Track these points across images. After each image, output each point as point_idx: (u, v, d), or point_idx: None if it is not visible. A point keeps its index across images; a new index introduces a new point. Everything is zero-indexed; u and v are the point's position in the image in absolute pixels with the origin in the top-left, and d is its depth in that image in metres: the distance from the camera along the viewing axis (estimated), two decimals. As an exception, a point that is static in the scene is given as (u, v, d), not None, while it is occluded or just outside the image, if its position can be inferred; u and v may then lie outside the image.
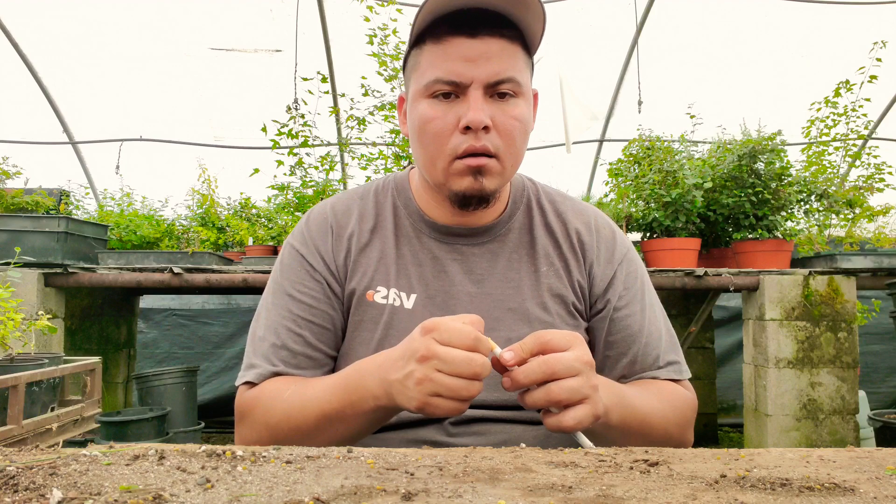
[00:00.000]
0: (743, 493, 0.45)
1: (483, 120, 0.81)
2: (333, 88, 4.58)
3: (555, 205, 1.01)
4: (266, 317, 0.93)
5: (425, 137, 0.85)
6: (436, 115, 0.84)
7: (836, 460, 0.55)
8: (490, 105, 0.83)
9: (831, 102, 3.53)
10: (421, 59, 0.85)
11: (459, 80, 0.82)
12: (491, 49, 0.81)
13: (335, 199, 1.01)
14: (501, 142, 0.84)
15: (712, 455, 0.57)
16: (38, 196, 3.46)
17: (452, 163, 0.85)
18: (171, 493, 0.41)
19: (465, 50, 0.81)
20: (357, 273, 0.94)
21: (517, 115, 0.85)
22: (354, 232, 0.96)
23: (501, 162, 0.86)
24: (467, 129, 0.82)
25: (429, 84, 0.83)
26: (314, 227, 0.97)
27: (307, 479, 0.45)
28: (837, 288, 3.10)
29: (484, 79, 0.82)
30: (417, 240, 0.96)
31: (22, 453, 0.51)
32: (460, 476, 0.47)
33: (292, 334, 0.91)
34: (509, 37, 0.83)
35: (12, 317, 1.83)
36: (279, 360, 0.90)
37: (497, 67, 0.82)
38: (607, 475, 0.49)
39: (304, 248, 0.95)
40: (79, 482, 0.43)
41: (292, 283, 0.93)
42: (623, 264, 0.98)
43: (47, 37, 4.60)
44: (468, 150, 0.83)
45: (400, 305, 0.92)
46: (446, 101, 0.84)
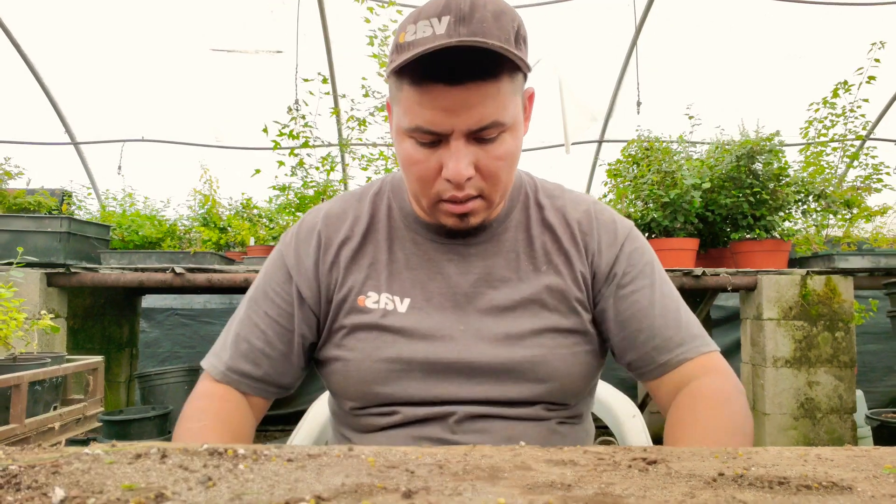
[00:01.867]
0: (741, 491, 0.45)
1: (464, 173, 0.80)
2: (334, 89, 4.58)
3: (553, 199, 0.99)
4: (243, 308, 0.97)
5: (409, 176, 0.85)
6: (419, 160, 0.82)
7: (834, 459, 0.55)
8: (473, 149, 0.81)
9: (829, 103, 3.54)
10: (402, 94, 0.81)
11: (439, 131, 0.79)
12: (471, 97, 0.77)
13: (331, 204, 1.00)
14: (486, 183, 0.83)
15: (710, 453, 0.57)
16: (41, 196, 3.46)
17: (437, 204, 0.85)
18: (173, 491, 0.41)
19: (445, 100, 0.77)
20: (349, 280, 0.93)
21: (502, 154, 0.82)
22: (347, 238, 0.95)
23: (487, 199, 0.85)
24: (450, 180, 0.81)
25: (410, 129, 0.81)
26: (303, 234, 0.97)
27: (308, 478, 0.46)
28: (835, 288, 3.10)
29: (464, 129, 0.79)
30: (412, 242, 0.95)
31: (24, 452, 0.51)
32: (460, 474, 0.48)
33: (257, 330, 0.94)
34: (493, 75, 0.77)
35: (15, 316, 1.84)
36: (239, 353, 0.94)
37: (479, 116, 0.78)
38: (606, 473, 0.49)
39: (288, 252, 0.97)
40: (81, 481, 0.43)
41: (269, 282, 0.96)
42: (626, 243, 0.96)
43: (49, 38, 4.60)
44: (451, 199, 0.83)
45: (393, 309, 0.91)
46: (428, 147, 0.82)
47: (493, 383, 0.89)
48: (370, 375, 0.90)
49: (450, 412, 0.89)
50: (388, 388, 0.90)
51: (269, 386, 0.95)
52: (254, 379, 0.94)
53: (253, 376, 0.94)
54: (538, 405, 0.91)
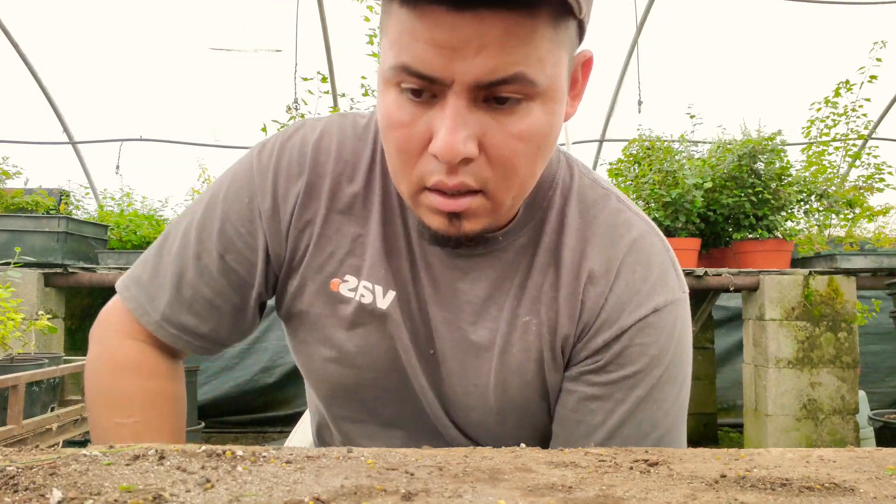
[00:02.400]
0: (743, 492, 0.45)
1: (458, 152, 0.54)
2: (333, 88, 4.58)
3: (584, 218, 0.70)
4: (186, 231, 0.73)
5: (388, 143, 0.61)
6: (401, 121, 0.57)
7: (837, 460, 0.55)
8: (481, 117, 0.56)
9: (831, 102, 3.54)
10: (390, 21, 0.56)
11: (434, 76, 0.54)
12: (488, 32, 0.51)
13: (326, 127, 0.73)
14: (493, 173, 0.58)
15: (712, 455, 0.57)
16: (38, 196, 3.46)
17: (421, 192, 0.60)
18: (171, 492, 0.41)
19: (447, 30, 0.52)
20: (323, 251, 0.71)
21: (523, 130, 0.56)
22: (333, 193, 0.71)
23: (493, 198, 0.59)
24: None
25: (393, 68, 0.56)
26: (286, 159, 0.71)
27: (307, 479, 0.45)
28: (837, 288, 3.10)
29: (471, 79, 0.53)
30: (402, 218, 0.71)
31: (22, 453, 0.51)
32: (460, 476, 0.47)
33: (206, 274, 0.72)
34: (526, 4, 0.52)
35: (12, 317, 1.84)
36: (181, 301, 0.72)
37: (495, 61, 0.52)
38: (607, 475, 0.49)
39: (262, 181, 0.71)
40: (79, 482, 0.43)
41: (230, 214, 0.71)
42: (631, 331, 0.67)
43: (47, 36, 4.60)
44: (437, 185, 0.58)
45: (371, 303, 0.70)
46: (417, 101, 0.57)
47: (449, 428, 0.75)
48: (336, 378, 0.74)
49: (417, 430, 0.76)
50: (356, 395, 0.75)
51: (213, 344, 0.75)
52: (196, 335, 0.73)
53: (196, 332, 0.73)
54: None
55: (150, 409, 0.73)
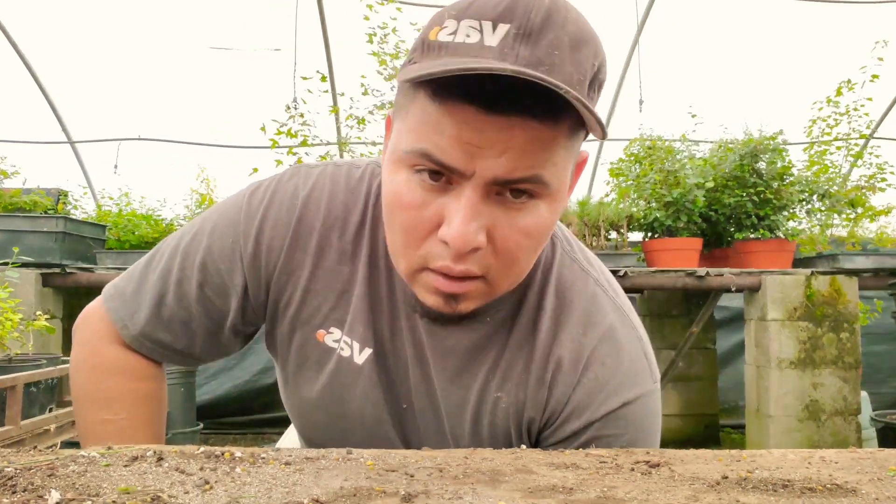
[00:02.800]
0: (744, 494, 0.45)
1: (471, 240, 0.56)
2: (333, 87, 4.58)
3: (560, 301, 0.71)
4: (172, 255, 0.75)
5: (392, 223, 0.62)
6: (412, 202, 0.59)
7: (838, 461, 0.55)
8: (491, 207, 0.58)
9: (833, 102, 3.54)
10: (413, 106, 0.58)
11: (456, 167, 0.56)
12: (514, 137, 0.54)
13: (319, 180, 0.74)
14: (496, 261, 0.60)
15: (714, 456, 0.56)
16: (36, 196, 3.46)
17: (420, 272, 0.62)
18: (169, 494, 0.41)
19: (475, 128, 0.54)
20: (310, 304, 0.73)
21: (529, 227, 0.59)
22: (320, 250, 0.72)
23: (491, 283, 0.62)
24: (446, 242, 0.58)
25: (413, 153, 0.57)
26: (275, 209, 0.72)
27: (306, 481, 0.45)
28: (839, 288, 3.10)
29: (491, 175, 0.56)
30: (387, 279, 0.72)
31: (20, 454, 0.51)
32: (460, 478, 0.47)
33: (185, 297, 0.74)
34: (551, 118, 0.55)
35: (10, 317, 1.84)
36: (159, 318, 0.75)
37: (516, 163, 0.55)
38: (608, 476, 0.49)
39: (248, 226, 0.72)
40: (77, 483, 0.43)
41: (213, 251, 0.73)
42: (597, 424, 0.68)
43: (46, 36, 4.60)
44: (443, 269, 0.60)
45: (349, 357, 0.73)
46: (431, 185, 0.58)
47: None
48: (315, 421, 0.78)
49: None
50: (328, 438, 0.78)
51: (189, 359, 0.80)
52: (172, 350, 0.77)
53: (172, 348, 0.77)
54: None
55: (136, 407, 0.77)
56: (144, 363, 0.79)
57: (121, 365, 0.78)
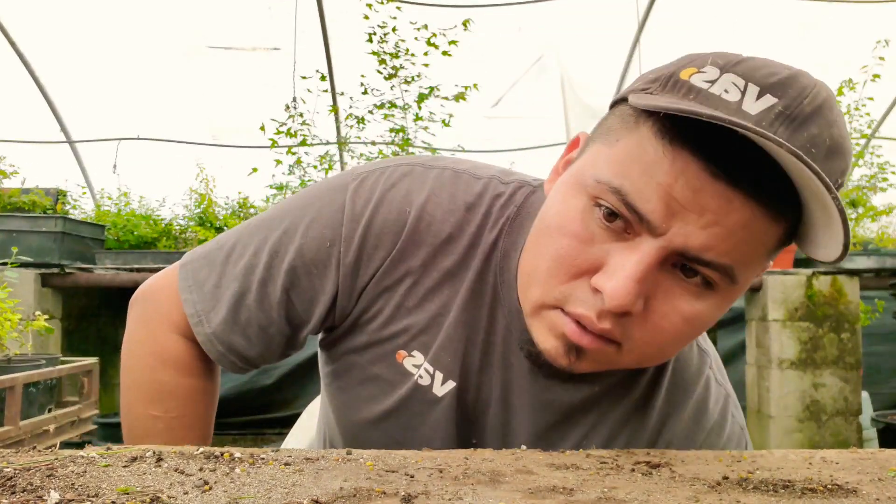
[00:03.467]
0: (745, 494, 0.45)
1: (627, 305, 0.51)
2: (332, 87, 4.57)
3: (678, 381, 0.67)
4: (258, 250, 0.68)
5: (546, 244, 0.55)
6: (579, 234, 0.53)
7: (839, 462, 0.55)
8: (663, 277, 0.52)
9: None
10: (630, 136, 0.52)
11: (649, 219, 0.50)
12: (730, 213, 0.48)
13: (435, 190, 0.66)
14: (643, 334, 0.54)
15: (714, 457, 0.56)
16: (35, 196, 3.46)
17: (550, 310, 0.56)
18: (168, 495, 0.41)
19: (689, 188, 0.48)
20: (399, 322, 0.67)
21: (694, 315, 0.53)
22: (425, 267, 0.66)
23: (624, 354, 0.56)
24: (598, 292, 0.52)
25: (604, 185, 0.51)
26: (383, 215, 0.65)
27: (306, 482, 0.45)
28: (840, 288, 3.10)
29: (682, 244, 0.50)
30: (490, 310, 0.66)
31: (19, 455, 0.51)
32: (460, 478, 0.47)
33: (266, 301, 0.68)
34: (775, 209, 0.50)
35: (9, 317, 1.83)
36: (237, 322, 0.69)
37: (716, 242, 0.49)
38: (609, 477, 0.49)
39: (351, 230, 0.65)
40: (76, 484, 0.43)
41: (305, 253, 0.67)
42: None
43: (45, 35, 4.60)
44: (581, 318, 0.54)
45: (428, 386, 0.67)
46: (607, 224, 0.52)
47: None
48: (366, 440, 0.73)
49: None
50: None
51: (251, 364, 0.74)
52: (241, 357, 0.72)
53: (243, 354, 0.71)
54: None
55: (188, 406, 0.73)
56: (205, 359, 0.74)
57: (183, 357, 0.72)
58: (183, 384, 0.73)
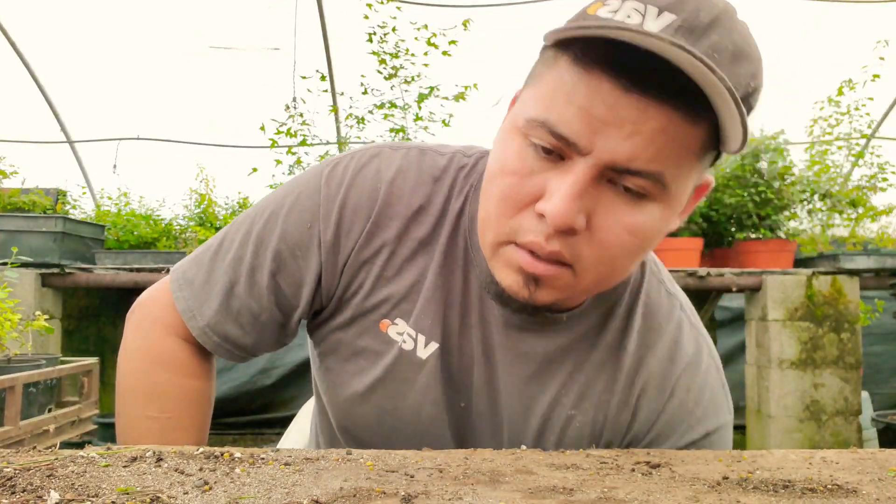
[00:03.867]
0: (745, 494, 0.45)
1: (568, 222, 0.54)
2: (332, 87, 4.57)
3: (647, 323, 0.70)
4: (243, 242, 0.72)
5: (490, 191, 0.60)
6: (516, 169, 0.57)
7: (839, 462, 0.55)
8: (598, 195, 0.55)
9: (834, 101, 3.54)
10: (550, 73, 0.56)
11: (575, 142, 0.53)
12: (648, 121, 0.51)
13: (404, 165, 0.71)
14: (590, 252, 0.56)
15: (714, 457, 0.57)
16: (35, 196, 3.46)
17: (506, 245, 0.59)
18: (168, 495, 0.41)
19: (605, 104, 0.52)
20: (380, 292, 0.70)
21: (636, 225, 0.56)
22: (399, 237, 0.70)
23: (578, 276, 0.58)
24: (543, 216, 0.55)
25: (531, 120, 0.55)
26: (357, 192, 0.70)
27: (306, 482, 0.45)
28: (840, 288, 3.10)
29: (608, 157, 0.53)
30: (464, 272, 0.70)
31: (19, 455, 0.51)
32: (460, 478, 0.47)
33: (256, 288, 0.71)
34: (690, 113, 0.52)
35: (9, 317, 1.83)
36: (229, 311, 0.72)
37: (639, 151, 0.52)
38: (609, 477, 0.49)
39: (328, 209, 0.70)
40: (76, 484, 0.43)
41: (288, 237, 0.71)
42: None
43: (44, 35, 4.60)
44: (531, 245, 0.57)
45: (412, 350, 0.70)
46: (543, 158, 0.55)
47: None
48: (358, 416, 0.74)
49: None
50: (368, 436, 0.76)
51: (250, 355, 0.77)
52: (237, 345, 0.74)
53: (238, 343, 0.74)
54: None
55: (184, 406, 0.74)
56: (198, 358, 0.76)
57: (177, 358, 0.74)
58: (178, 385, 0.74)
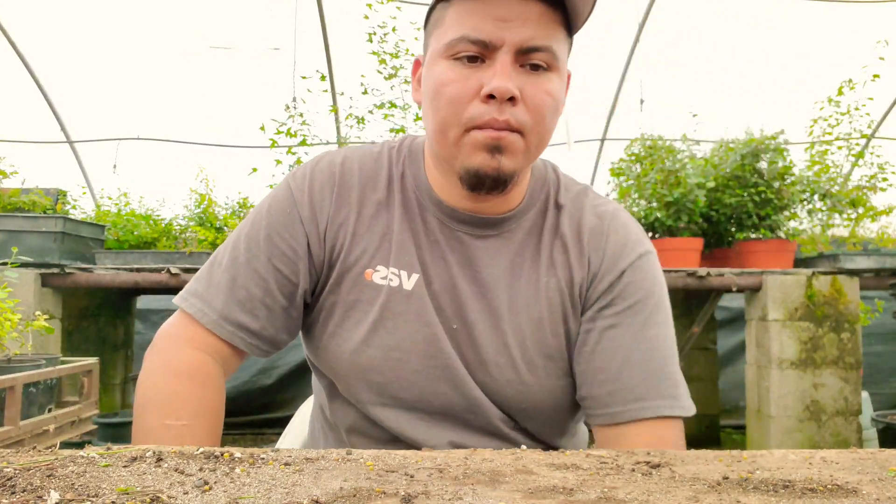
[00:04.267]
0: (745, 494, 0.45)
1: (510, 89, 0.71)
2: (332, 87, 4.58)
3: (574, 203, 0.89)
4: (235, 246, 0.85)
5: (439, 102, 0.75)
6: (455, 79, 0.74)
7: (839, 462, 0.55)
8: (520, 75, 0.74)
9: (834, 101, 3.53)
10: (446, 14, 0.75)
11: (488, 41, 0.72)
12: (529, 11, 0.72)
13: (348, 153, 0.90)
14: (529, 117, 0.74)
15: (714, 457, 0.56)
16: (35, 196, 3.45)
17: (467, 133, 0.75)
18: (168, 495, 0.41)
19: (500, 8, 0.72)
20: (357, 248, 0.85)
21: (550, 89, 0.75)
22: (357, 201, 0.86)
23: (526, 140, 0.75)
24: (490, 98, 0.72)
25: (452, 42, 0.73)
26: (318, 177, 0.87)
27: (306, 482, 0.45)
28: (840, 288, 3.09)
29: (517, 43, 0.72)
30: (421, 217, 0.86)
31: (19, 455, 0.51)
32: (460, 478, 0.47)
33: (256, 276, 0.83)
34: (551, 4, 0.74)
35: (9, 317, 1.83)
36: (235, 300, 0.82)
37: (533, 32, 0.72)
38: (609, 477, 0.48)
39: (300, 195, 0.86)
40: (76, 484, 0.43)
41: (275, 222, 0.85)
42: (629, 272, 0.85)
43: (44, 35, 4.60)
44: (489, 122, 0.73)
45: (398, 286, 0.83)
46: (470, 65, 0.74)
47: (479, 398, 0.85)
48: (366, 361, 0.84)
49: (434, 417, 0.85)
50: (382, 378, 0.84)
51: (263, 342, 0.85)
52: (250, 332, 0.83)
53: (250, 329, 0.83)
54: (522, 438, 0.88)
55: (200, 414, 0.80)
56: (215, 369, 0.83)
57: (192, 368, 0.81)
58: (196, 394, 0.80)
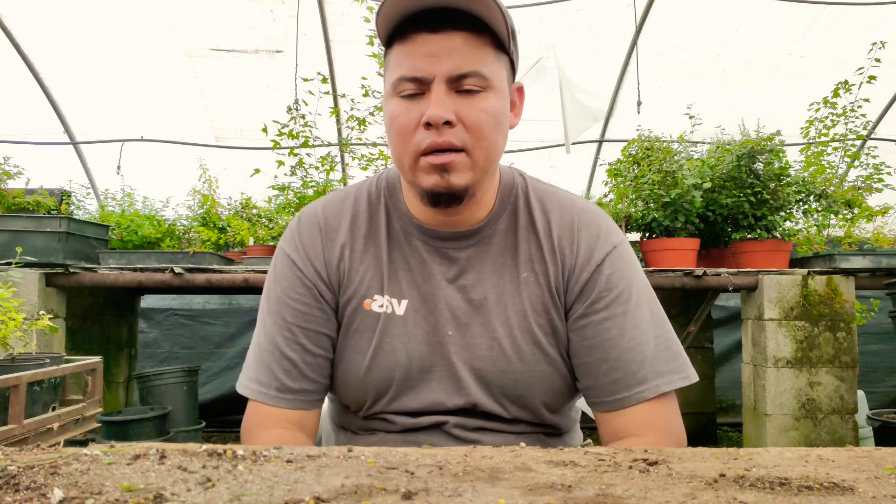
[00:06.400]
0: (742, 492, 0.45)
1: (442, 115, 0.79)
2: (334, 89, 4.58)
3: (542, 202, 0.96)
4: (263, 323, 0.94)
5: (392, 136, 0.85)
6: (401, 112, 0.82)
7: (835, 460, 0.55)
8: (455, 100, 0.81)
9: (830, 103, 3.53)
10: (391, 58, 0.85)
11: (422, 76, 0.80)
12: (453, 43, 0.80)
13: (326, 200, 0.98)
14: (468, 135, 0.82)
15: (711, 454, 0.57)
16: (40, 196, 3.46)
17: (417, 160, 0.83)
18: (171, 492, 0.41)
19: (427, 46, 0.80)
20: (353, 281, 0.93)
21: (485, 107, 0.82)
22: (347, 240, 0.94)
23: (471, 156, 0.83)
24: (429, 126, 0.80)
25: (395, 83, 0.82)
26: (304, 230, 0.95)
27: (308, 479, 0.45)
28: (836, 288, 3.10)
29: (445, 73, 0.80)
30: (407, 243, 0.94)
31: (23, 453, 0.51)
32: (460, 475, 0.47)
33: (290, 342, 0.91)
34: (474, 31, 0.81)
35: (13, 317, 1.84)
36: (285, 371, 0.90)
37: (459, 61, 0.80)
38: (607, 474, 0.49)
39: (295, 253, 0.94)
40: (80, 481, 0.43)
41: (284, 289, 0.93)
42: (605, 264, 0.91)
43: (49, 37, 4.60)
44: (430, 146, 0.81)
45: (392, 312, 0.91)
46: (412, 100, 0.82)
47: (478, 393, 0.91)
48: (371, 383, 0.91)
49: (442, 421, 0.91)
50: (388, 394, 0.91)
51: (321, 392, 0.94)
52: (306, 392, 0.92)
53: (306, 390, 0.91)
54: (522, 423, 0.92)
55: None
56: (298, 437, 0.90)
57: (276, 441, 0.87)
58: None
